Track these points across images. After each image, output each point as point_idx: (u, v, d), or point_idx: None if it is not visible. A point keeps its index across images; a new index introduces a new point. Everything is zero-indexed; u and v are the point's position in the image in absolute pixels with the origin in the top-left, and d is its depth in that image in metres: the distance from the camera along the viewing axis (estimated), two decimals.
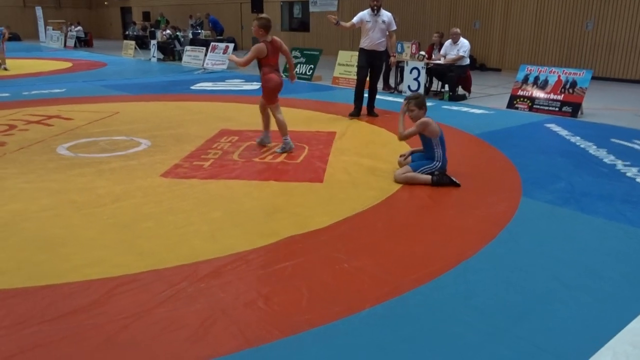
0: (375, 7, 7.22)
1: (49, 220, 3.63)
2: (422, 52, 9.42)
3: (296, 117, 7.43)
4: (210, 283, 2.77)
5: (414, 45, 9.53)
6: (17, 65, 14.90)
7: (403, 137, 4.72)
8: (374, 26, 7.25)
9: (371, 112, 7.59)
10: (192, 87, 10.53)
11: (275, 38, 5.44)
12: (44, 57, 18.33)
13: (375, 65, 7.45)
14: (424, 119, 4.52)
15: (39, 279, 2.82)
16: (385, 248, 3.21)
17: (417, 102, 4.57)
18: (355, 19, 7.40)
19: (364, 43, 7.38)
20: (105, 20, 34.57)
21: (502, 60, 14.11)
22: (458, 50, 9.17)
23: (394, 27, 7.45)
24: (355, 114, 7.47)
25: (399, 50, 9.80)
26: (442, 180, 4.42)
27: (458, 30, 9.33)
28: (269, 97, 5.47)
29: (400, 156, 4.86)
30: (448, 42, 9.40)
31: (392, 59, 7.52)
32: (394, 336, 2.31)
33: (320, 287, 2.74)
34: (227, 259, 3.04)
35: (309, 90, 10.37)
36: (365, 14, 7.32)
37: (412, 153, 4.81)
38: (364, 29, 7.35)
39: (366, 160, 5.16)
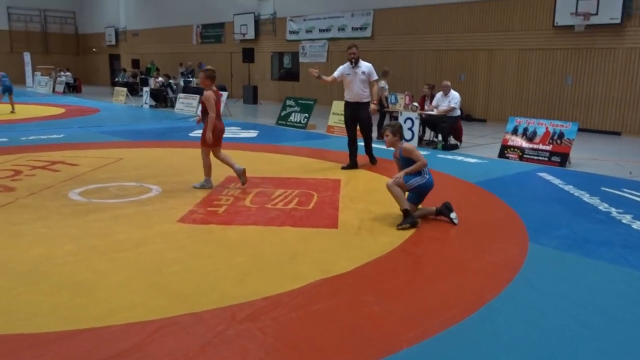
0: (353, 60, 7.31)
1: (76, 265, 3.69)
2: (415, 104, 9.83)
3: (298, 165, 7.65)
4: (248, 325, 2.85)
5: (407, 97, 9.95)
6: (6, 110, 14.94)
7: (402, 177, 4.84)
8: (354, 78, 7.31)
9: (371, 159, 7.73)
10: (191, 134, 10.71)
11: (215, 88, 6.02)
12: (35, 103, 18.42)
13: (361, 117, 7.49)
14: (410, 145, 4.99)
15: (77, 323, 2.87)
16: (410, 291, 3.35)
17: (392, 129, 4.97)
18: (335, 73, 7.53)
19: (347, 96, 7.49)
20: (93, 66, 34.96)
21: (487, 111, 14.71)
22: (449, 101, 9.60)
23: (375, 77, 7.47)
24: (350, 166, 7.44)
25: (392, 101, 10.22)
26: (443, 211, 4.85)
27: (449, 83, 9.80)
28: (216, 141, 5.98)
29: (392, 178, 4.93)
30: (439, 94, 9.84)
31: (373, 106, 7.44)
32: None
33: (354, 329, 2.86)
34: (260, 302, 3.14)
35: (305, 139, 10.65)
36: (345, 67, 7.44)
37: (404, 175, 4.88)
38: (345, 82, 7.44)
39: (375, 207, 5.34)
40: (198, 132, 11.07)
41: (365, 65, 7.39)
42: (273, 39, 21.07)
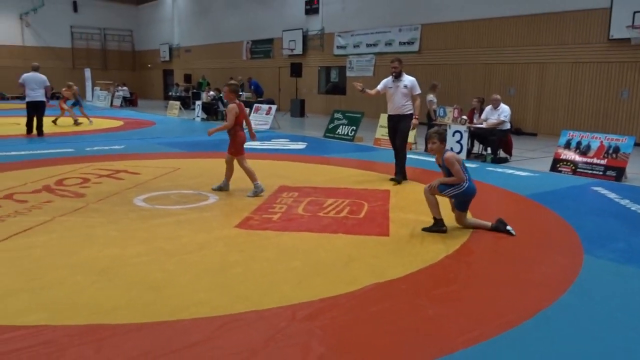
0: (395, 73, 7.38)
1: (146, 265, 3.97)
2: (464, 117, 9.84)
3: (347, 175, 7.81)
4: (309, 324, 3.02)
5: (456, 110, 9.97)
6: (71, 123, 15.86)
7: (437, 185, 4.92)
8: (396, 91, 7.36)
9: (397, 176, 7.37)
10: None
11: (238, 101, 6.50)
12: (95, 116, 19.43)
13: (398, 129, 7.44)
14: (451, 157, 4.89)
15: (152, 316, 3.11)
16: (463, 297, 3.43)
17: (440, 137, 5.00)
18: (379, 86, 7.62)
19: (389, 109, 7.56)
20: (148, 81, 36.51)
21: (538, 125, 14.46)
22: (499, 115, 9.56)
23: (418, 91, 7.42)
24: (393, 180, 7.38)
25: (441, 114, 10.26)
26: (499, 227, 4.84)
27: (498, 96, 9.77)
28: (238, 151, 6.50)
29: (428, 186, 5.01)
30: (489, 107, 9.82)
31: (415, 121, 7.39)
32: None
33: (409, 330, 2.97)
34: (318, 303, 3.30)
35: (353, 151, 10.82)
36: (388, 80, 7.52)
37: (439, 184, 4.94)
38: (387, 95, 7.51)
39: (425, 217, 5.40)
40: (249, 144, 11.50)
41: (408, 79, 7.42)
42: (320, 54, 21.48)
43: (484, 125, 9.69)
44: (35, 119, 12.38)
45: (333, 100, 21.09)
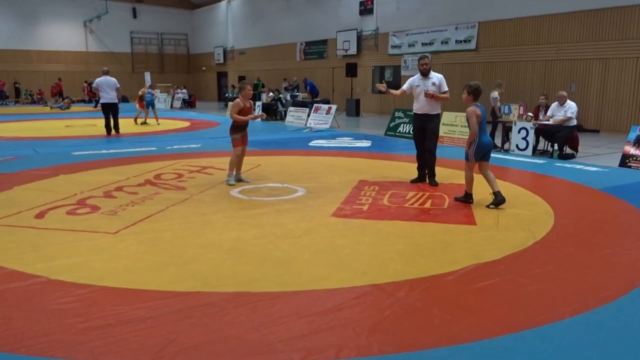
0: (425, 71, 7.17)
1: (265, 246, 4.51)
2: (530, 114, 10.02)
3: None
4: (425, 295, 3.46)
5: (521, 107, 10.17)
6: (155, 122, 16.92)
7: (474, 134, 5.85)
8: (423, 89, 7.11)
9: (431, 180, 7.19)
10: (310, 144, 11.64)
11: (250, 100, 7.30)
12: (161, 117, 20.50)
13: (428, 129, 7.23)
14: (470, 110, 5.79)
15: (286, 287, 3.63)
16: (560, 276, 3.79)
17: (469, 88, 5.89)
18: (405, 86, 7.42)
19: (415, 107, 7.31)
20: (202, 83, 37.85)
21: (600, 121, 14.35)
22: (565, 111, 9.69)
23: (445, 88, 7.20)
24: (418, 179, 7.29)
25: (506, 112, 10.46)
26: (498, 199, 5.79)
27: (565, 93, 9.89)
28: (240, 141, 7.31)
29: None
30: (555, 104, 9.96)
31: (432, 89, 7.06)
32: (596, 338, 2.88)
33: (516, 302, 3.37)
34: (429, 279, 3.74)
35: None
36: (415, 78, 7.29)
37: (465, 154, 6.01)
38: (414, 94, 7.25)
39: (505, 207, 5.76)
40: (317, 142, 12.07)
41: (436, 77, 7.19)
42: (375, 54, 21.84)
43: (550, 122, 9.84)
44: (112, 119, 13.44)
45: (387, 100, 21.41)
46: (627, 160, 8.75)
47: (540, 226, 5.05)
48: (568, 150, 9.92)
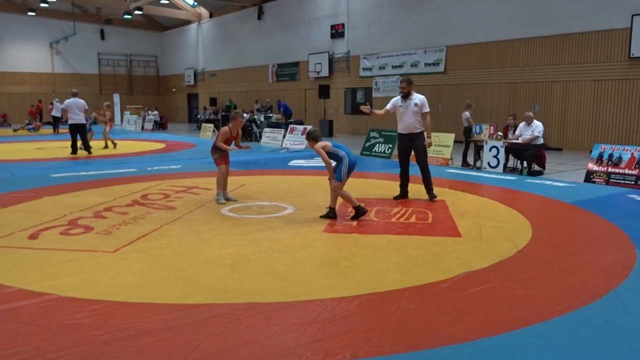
0: (403, 94, 7.46)
1: (265, 260, 4.69)
2: (500, 133, 10.56)
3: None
4: (424, 300, 3.71)
5: (491, 127, 10.70)
6: (117, 145, 16.77)
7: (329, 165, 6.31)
8: (406, 110, 7.41)
9: (430, 194, 7.51)
10: (290, 164, 11.88)
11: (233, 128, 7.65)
12: (133, 139, 20.41)
13: (416, 147, 7.54)
14: (317, 145, 6.21)
15: (294, 297, 3.82)
16: (544, 281, 4.11)
17: (308, 135, 6.36)
18: (388, 106, 7.66)
19: (400, 127, 7.61)
20: (172, 104, 37.73)
21: (563, 140, 15.13)
22: (532, 130, 10.27)
23: (427, 109, 7.49)
24: (401, 196, 7.59)
25: (477, 131, 10.98)
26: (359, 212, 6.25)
27: (531, 113, 10.50)
28: (223, 160, 7.63)
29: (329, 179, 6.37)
30: (522, 124, 10.53)
31: (428, 140, 7.55)
32: (584, 333, 3.19)
33: (509, 304, 3.65)
34: (425, 286, 4.00)
35: (394, 167, 11.50)
36: (397, 99, 7.57)
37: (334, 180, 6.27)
38: (397, 114, 7.55)
39: (486, 221, 6.12)
40: (296, 162, 12.32)
41: (418, 97, 7.46)
42: (346, 76, 22.39)
43: (519, 141, 10.39)
44: (79, 139, 13.93)
45: (359, 120, 21.93)
46: (592, 176, 9.32)
47: (520, 237, 5.40)
48: (536, 167, 10.47)
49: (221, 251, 4.98)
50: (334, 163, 6.30)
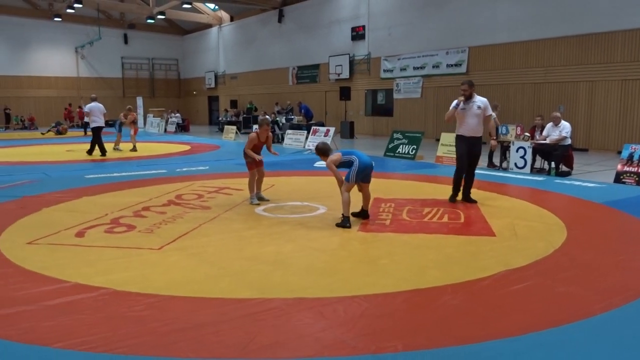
0: (465, 96, 7.37)
1: (305, 258, 4.83)
2: (527, 134, 10.57)
3: (429, 188, 8.59)
4: (466, 297, 3.81)
5: (518, 127, 10.71)
6: (143, 147, 17.12)
7: (341, 181, 6.18)
8: (469, 113, 7.32)
9: (468, 198, 7.46)
10: (315, 165, 12.02)
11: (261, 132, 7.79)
12: (158, 141, 20.75)
13: (473, 152, 7.42)
14: (330, 159, 6.15)
15: (337, 293, 3.94)
16: (584, 279, 4.18)
17: (317, 151, 6.41)
18: (450, 109, 7.52)
19: (461, 130, 7.44)
20: (193, 107, 38.19)
21: (589, 141, 15.02)
22: (560, 131, 10.25)
23: (490, 112, 7.47)
24: (453, 199, 7.47)
25: (504, 132, 10.99)
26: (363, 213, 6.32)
27: (559, 114, 10.48)
28: (255, 165, 7.69)
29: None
30: (550, 124, 10.52)
31: (493, 142, 7.64)
32: (630, 330, 3.26)
33: (551, 301, 3.73)
34: (466, 284, 4.09)
35: (419, 168, 11.61)
36: (457, 102, 7.46)
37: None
38: (458, 116, 7.44)
39: (519, 221, 6.17)
40: (321, 164, 12.44)
41: (480, 100, 7.43)
42: (367, 77, 22.47)
43: (547, 142, 10.38)
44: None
45: (380, 122, 21.98)
46: (622, 177, 9.28)
47: (555, 236, 5.45)
48: (564, 168, 10.44)
49: (261, 249, 5.12)
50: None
